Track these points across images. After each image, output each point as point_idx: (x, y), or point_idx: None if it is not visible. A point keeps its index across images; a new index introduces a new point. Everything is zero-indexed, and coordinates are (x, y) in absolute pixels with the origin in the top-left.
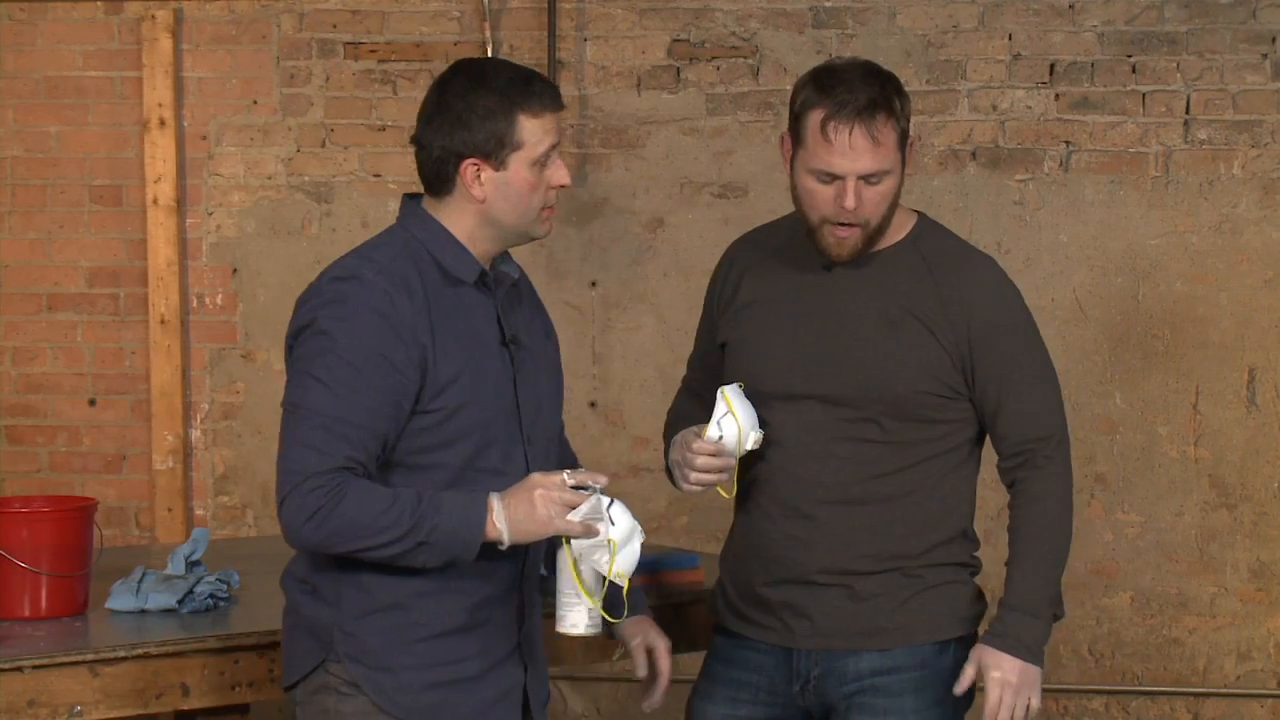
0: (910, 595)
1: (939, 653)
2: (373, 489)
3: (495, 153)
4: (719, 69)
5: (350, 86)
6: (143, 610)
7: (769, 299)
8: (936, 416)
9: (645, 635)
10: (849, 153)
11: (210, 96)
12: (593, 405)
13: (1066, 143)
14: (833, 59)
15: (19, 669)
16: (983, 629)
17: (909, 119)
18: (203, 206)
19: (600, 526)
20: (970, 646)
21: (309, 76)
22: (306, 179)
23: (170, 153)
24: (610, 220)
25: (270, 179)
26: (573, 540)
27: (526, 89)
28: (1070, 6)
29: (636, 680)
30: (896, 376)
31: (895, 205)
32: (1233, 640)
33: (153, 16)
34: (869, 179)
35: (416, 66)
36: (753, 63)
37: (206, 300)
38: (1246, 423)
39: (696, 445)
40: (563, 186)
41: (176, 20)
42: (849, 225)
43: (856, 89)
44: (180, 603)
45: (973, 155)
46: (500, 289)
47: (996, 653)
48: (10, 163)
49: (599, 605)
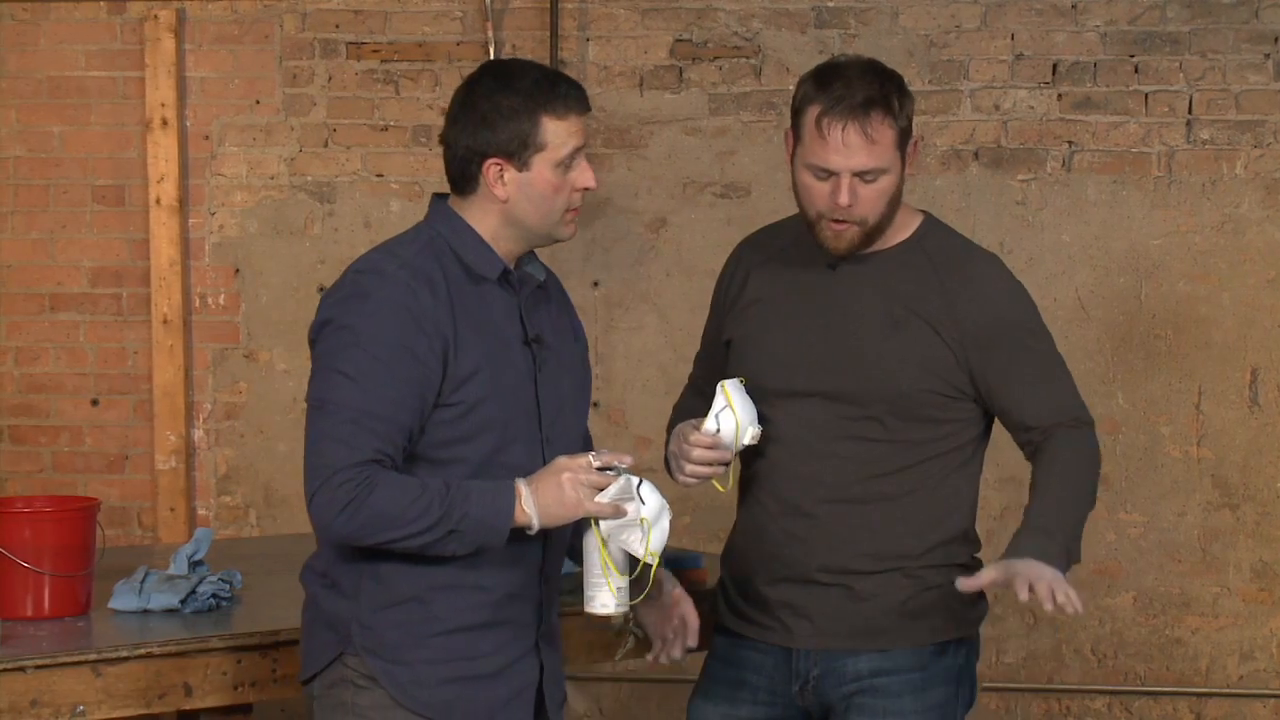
0: (910, 596)
1: (938, 654)
2: (402, 480)
3: (518, 153)
4: (721, 69)
5: (353, 86)
6: (145, 610)
7: (773, 297)
8: (939, 416)
9: (680, 603)
10: (843, 149)
11: (213, 96)
12: (595, 405)
13: (1069, 143)
14: (837, 56)
15: (22, 669)
16: (983, 629)
17: (910, 118)
18: (205, 206)
19: (629, 506)
20: (970, 648)
21: (311, 76)
22: (309, 179)
23: (173, 153)
24: (613, 220)
25: (273, 179)
26: (601, 521)
27: (551, 90)
28: (1073, 6)
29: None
30: (899, 375)
31: (895, 204)
32: (1235, 640)
33: (155, 16)
34: (864, 176)
35: (419, 66)
36: (755, 63)
37: (209, 300)
38: (1249, 423)
39: (693, 438)
40: (587, 189)
41: (179, 20)
42: (845, 221)
43: (854, 86)
44: (183, 603)
45: (975, 155)
46: (525, 289)
47: (1013, 560)
48: (13, 163)
49: (627, 585)
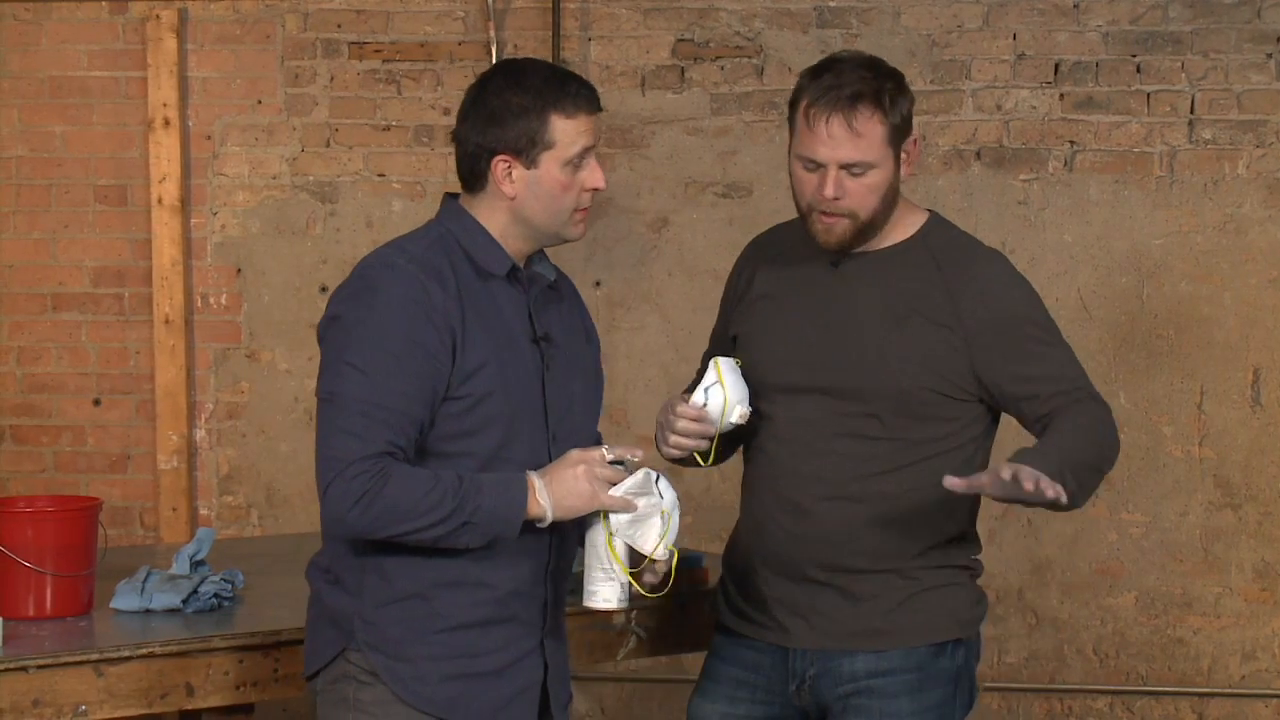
0: (906, 597)
1: (935, 655)
2: (415, 472)
3: (527, 151)
4: (723, 69)
5: (355, 86)
6: (147, 610)
7: (777, 294)
8: (939, 414)
9: None
10: (828, 141)
11: (215, 96)
12: None
13: (1071, 142)
14: (840, 51)
15: (24, 669)
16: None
17: (905, 116)
18: (207, 206)
19: (644, 501)
20: (969, 650)
21: (313, 76)
22: (311, 179)
23: (175, 152)
24: (614, 220)
25: (275, 179)
26: (611, 516)
27: (561, 89)
28: (1075, 6)
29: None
30: (900, 372)
31: (890, 200)
32: (1237, 640)
33: (157, 16)
34: (851, 169)
35: (421, 66)
36: (757, 62)
37: (211, 300)
38: (1251, 422)
39: (679, 409)
40: (597, 190)
41: (181, 20)
42: (834, 215)
43: (845, 78)
44: (185, 602)
45: (977, 155)
46: (534, 287)
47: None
48: (15, 163)
49: (629, 581)
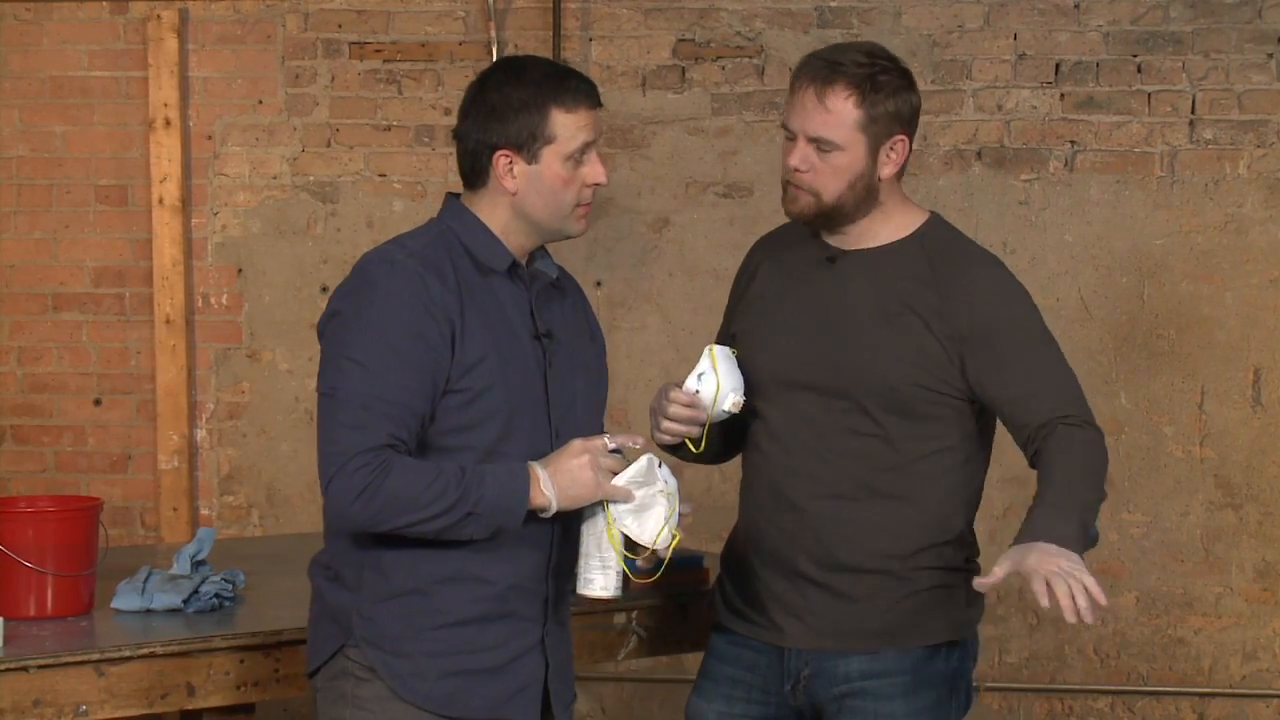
0: (900, 598)
1: (930, 657)
2: (417, 464)
3: (527, 145)
4: (724, 69)
5: (355, 86)
6: (148, 610)
7: (775, 292)
8: (931, 412)
9: None
10: (799, 109)
11: (215, 96)
12: None
13: (1072, 142)
14: (862, 41)
15: (25, 669)
16: (982, 628)
17: (892, 113)
18: (208, 206)
19: (643, 491)
20: (965, 652)
21: (314, 76)
22: (311, 179)
23: (175, 153)
24: (615, 220)
25: (275, 179)
26: (612, 504)
27: (561, 84)
28: (1075, 6)
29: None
30: (890, 369)
31: (860, 192)
32: (1238, 640)
33: (158, 16)
34: (820, 145)
35: (421, 66)
36: (758, 62)
37: (212, 300)
38: (1252, 422)
39: (672, 394)
40: (598, 185)
41: (182, 20)
42: (799, 187)
43: (836, 55)
44: (185, 602)
45: (978, 155)
46: (536, 284)
47: (1025, 545)
48: (16, 163)
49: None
